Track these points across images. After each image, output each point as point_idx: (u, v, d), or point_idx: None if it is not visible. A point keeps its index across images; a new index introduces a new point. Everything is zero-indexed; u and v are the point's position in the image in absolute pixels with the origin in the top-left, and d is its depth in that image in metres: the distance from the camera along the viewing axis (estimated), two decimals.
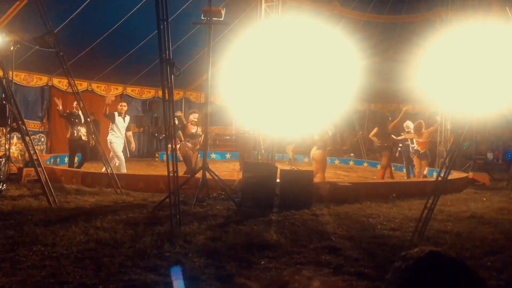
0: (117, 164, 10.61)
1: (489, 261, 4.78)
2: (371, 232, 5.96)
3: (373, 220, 6.71)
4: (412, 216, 7.01)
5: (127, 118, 10.96)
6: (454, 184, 10.16)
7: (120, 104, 11.08)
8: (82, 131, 11.04)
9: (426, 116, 15.88)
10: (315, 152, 10.54)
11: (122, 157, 10.74)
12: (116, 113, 10.71)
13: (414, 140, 12.23)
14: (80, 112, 10.80)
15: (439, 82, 7.96)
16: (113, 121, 10.62)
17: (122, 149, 10.90)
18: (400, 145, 12.89)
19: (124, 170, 10.59)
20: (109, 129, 10.79)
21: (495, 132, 16.85)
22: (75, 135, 11.02)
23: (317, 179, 9.49)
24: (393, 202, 8.32)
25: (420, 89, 10.04)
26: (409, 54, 14.77)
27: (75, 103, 11.38)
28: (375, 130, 12.31)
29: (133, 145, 11.55)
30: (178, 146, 15.18)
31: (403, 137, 12.59)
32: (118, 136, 10.68)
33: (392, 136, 12.18)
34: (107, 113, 10.61)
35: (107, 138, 10.73)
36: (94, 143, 10.46)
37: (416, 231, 5.79)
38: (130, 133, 11.28)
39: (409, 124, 12.52)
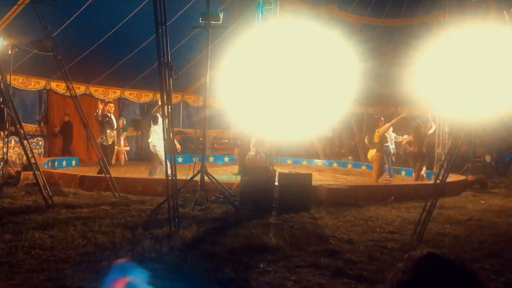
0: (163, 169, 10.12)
1: (488, 263, 4.79)
2: (370, 235, 5.96)
3: (372, 223, 6.72)
4: (411, 219, 7.02)
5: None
6: (452, 187, 10.18)
7: None
8: (111, 135, 10.67)
9: (424, 119, 15.90)
10: (373, 154, 11.39)
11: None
12: (158, 115, 10.20)
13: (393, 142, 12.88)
14: (112, 116, 10.42)
15: (437, 85, 7.98)
16: (156, 123, 10.22)
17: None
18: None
19: (154, 175, 10.22)
20: (151, 131, 10.39)
21: (493, 135, 16.88)
22: (109, 140, 10.62)
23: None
24: (392, 205, 8.33)
25: (418, 92, 10.05)
26: (407, 58, 14.79)
27: (107, 106, 10.94)
28: (409, 137, 12.59)
29: (178, 146, 10.94)
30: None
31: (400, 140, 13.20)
32: (161, 138, 10.33)
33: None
34: (154, 114, 10.26)
35: (149, 141, 10.32)
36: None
37: (415, 234, 5.80)
38: None
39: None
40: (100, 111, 10.74)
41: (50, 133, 15.32)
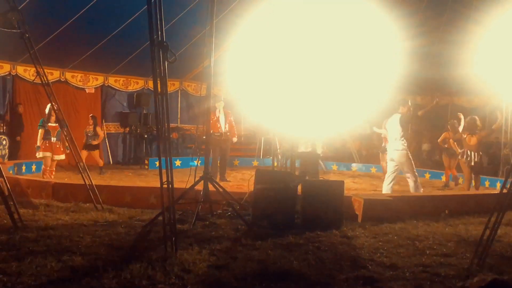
0: (412, 184, 10.62)
1: None
2: (418, 259, 5.92)
3: (420, 244, 6.67)
4: (470, 238, 6.96)
5: None
6: None
7: None
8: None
9: (487, 112, 15.79)
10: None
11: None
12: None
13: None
14: None
15: (503, 68, 7.89)
16: (407, 128, 10.92)
17: None
18: None
19: (421, 190, 10.53)
20: (397, 137, 10.64)
21: None
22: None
23: None
24: (446, 221, 8.27)
25: (479, 77, 9.96)
26: (465, 34, 14.67)
27: None
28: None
29: None
30: None
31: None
32: None
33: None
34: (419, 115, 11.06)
35: (401, 149, 10.55)
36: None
37: (475, 257, 5.74)
38: None
39: None
40: None
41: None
